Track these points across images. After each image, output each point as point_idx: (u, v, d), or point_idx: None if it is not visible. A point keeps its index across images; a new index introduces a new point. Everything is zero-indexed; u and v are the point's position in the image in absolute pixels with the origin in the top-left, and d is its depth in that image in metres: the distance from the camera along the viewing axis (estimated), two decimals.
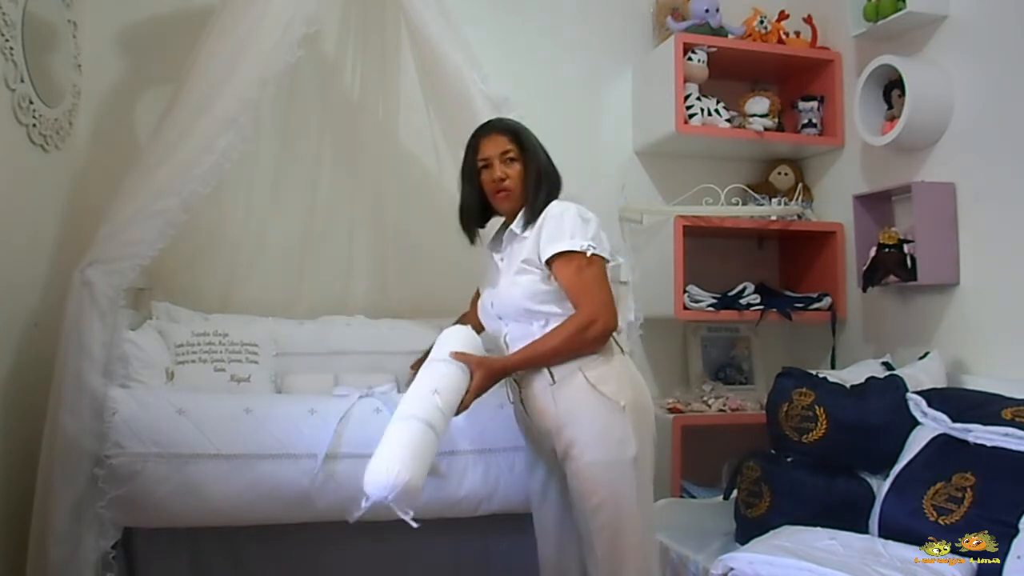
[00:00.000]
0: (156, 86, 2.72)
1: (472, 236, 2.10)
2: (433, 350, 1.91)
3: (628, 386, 1.87)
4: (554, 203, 1.95)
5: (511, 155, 1.98)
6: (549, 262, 1.88)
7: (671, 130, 2.95)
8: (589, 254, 1.86)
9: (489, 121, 2.08)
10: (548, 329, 1.88)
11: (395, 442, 1.68)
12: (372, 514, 2.10)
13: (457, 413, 1.83)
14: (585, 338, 1.85)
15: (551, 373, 1.86)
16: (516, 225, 1.98)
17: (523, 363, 1.89)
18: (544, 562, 2.03)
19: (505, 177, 1.97)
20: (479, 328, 2.07)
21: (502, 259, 2.02)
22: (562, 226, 1.88)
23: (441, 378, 1.81)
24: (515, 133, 2.01)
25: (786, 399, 2.33)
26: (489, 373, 1.85)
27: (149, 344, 2.28)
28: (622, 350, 1.96)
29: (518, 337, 1.93)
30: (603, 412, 1.83)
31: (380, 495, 1.61)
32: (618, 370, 1.89)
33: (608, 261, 1.93)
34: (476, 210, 2.06)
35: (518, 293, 1.91)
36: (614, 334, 1.93)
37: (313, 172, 2.87)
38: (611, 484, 1.81)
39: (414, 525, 1.62)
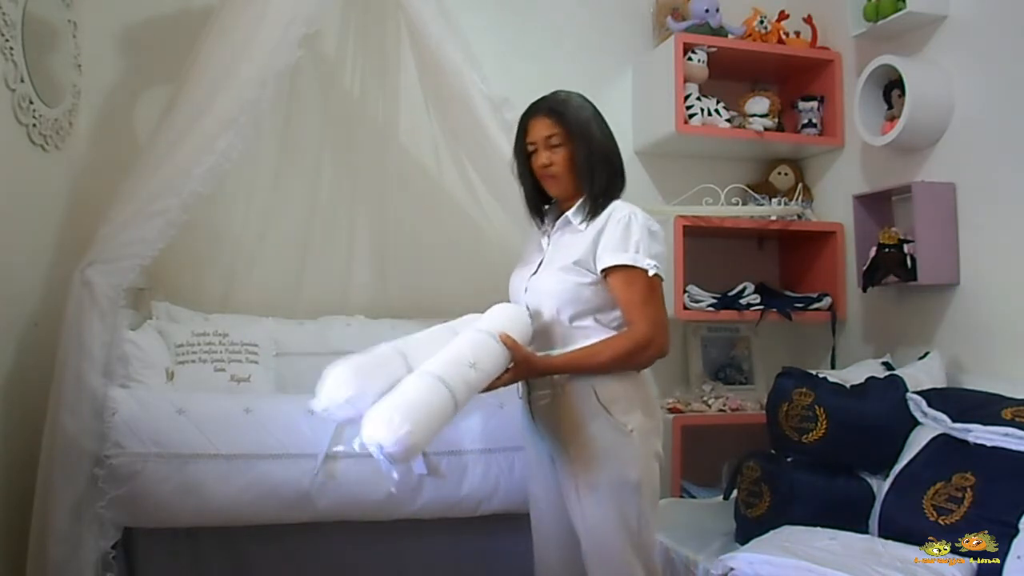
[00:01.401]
0: (156, 86, 2.71)
1: (538, 220, 1.95)
2: (485, 319, 1.77)
3: (639, 408, 1.78)
4: (619, 204, 1.82)
5: (555, 140, 1.83)
6: (605, 271, 1.77)
7: (671, 130, 2.94)
8: (651, 274, 1.75)
9: (536, 101, 1.90)
10: (575, 340, 1.78)
11: (421, 401, 1.55)
12: (372, 514, 2.12)
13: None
14: (637, 360, 1.77)
15: (560, 384, 1.78)
16: (573, 215, 1.84)
17: (566, 369, 1.78)
18: (540, 564, 1.97)
19: (550, 164, 1.83)
20: None
21: (548, 243, 1.89)
22: (628, 236, 1.76)
23: (485, 356, 1.66)
24: (560, 114, 1.83)
25: (786, 399, 2.33)
26: (527, 370, 1.74)
27: (149, 344, 2.28)
28: (637, 369, 1.84)
29: (535, 337, 1.82)
30: (608, 434, 1.74)
31: (380, 442, 1.49)
32: (631, 390, 1.78)
33: (662, 280, 1.81)
34: (532, 193, 1.93)
35: (558, 291, 1.80)
36: None
37: (313, 172, 2.87)
38: (609, 506, 1.75)
39: (393, 490, 1.58)
